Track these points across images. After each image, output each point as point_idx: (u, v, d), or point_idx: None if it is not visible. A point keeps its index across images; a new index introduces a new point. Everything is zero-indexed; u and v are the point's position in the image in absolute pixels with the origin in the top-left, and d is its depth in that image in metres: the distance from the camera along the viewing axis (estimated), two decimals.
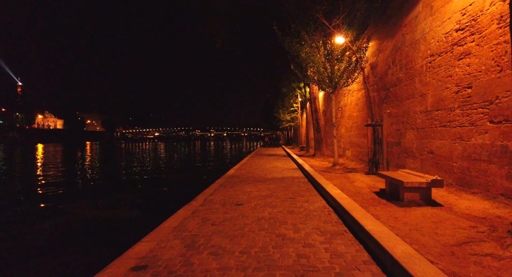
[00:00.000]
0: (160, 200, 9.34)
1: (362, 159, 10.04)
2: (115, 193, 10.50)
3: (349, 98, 12.36)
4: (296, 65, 10.04)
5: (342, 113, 13.29)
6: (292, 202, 4.93)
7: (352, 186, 5.60)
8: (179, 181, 13.87)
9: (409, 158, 6.52)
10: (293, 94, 19.03)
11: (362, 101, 10.42)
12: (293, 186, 6.62)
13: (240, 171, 9.96)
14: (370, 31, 9.04)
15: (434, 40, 5.72)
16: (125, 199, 9.50)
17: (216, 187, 6.65)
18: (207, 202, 5.09)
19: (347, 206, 3.89)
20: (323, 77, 9.27)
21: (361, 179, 6.05)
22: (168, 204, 8.17)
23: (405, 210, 3.78)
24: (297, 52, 9.18)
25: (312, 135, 20.05)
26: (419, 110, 6.21)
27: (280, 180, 7.52)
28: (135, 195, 10.29)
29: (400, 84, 7.28)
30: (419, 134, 6.16)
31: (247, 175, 8.83)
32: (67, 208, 8.31)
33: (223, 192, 6.03)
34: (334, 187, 5.32)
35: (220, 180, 7.73)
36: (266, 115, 39.62)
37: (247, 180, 7.76)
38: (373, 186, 5.53)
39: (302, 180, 7.57)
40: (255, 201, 5.09)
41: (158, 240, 3.18)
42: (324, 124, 16.87)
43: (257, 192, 5.94)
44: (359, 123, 10.70)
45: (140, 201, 9.17)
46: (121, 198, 9.62)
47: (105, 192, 10.95)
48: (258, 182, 7.27)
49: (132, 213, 7.51)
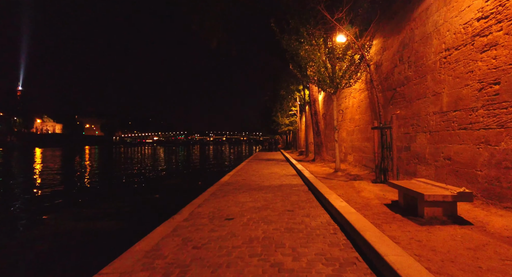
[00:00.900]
0: (147, 209, 8.64)
1: (366, 164, 9.39)
2: (102, 201, 9.82)
3: (351, 100, 11.75)
4: (295, 64, 9.43)
5: (343, 116, 12.67)
6: (291, 216, 4.26)
7: (359, 196, 4.94)
8: (172, 187, 13.17)
9: (420, 165, 5.86)
10: (292, 97, 18.43)
11: (365, 103, 9.80)
12: (292, 195, 5.96)
13: (236, 177, 9.29)
14: (374, 28, 8.46)
15: (450, 33, 5.10)
16: (111, 208, 8.81)
17: (207, 197, 5.98)
18: (193, 216, 4.41)
19: (357, 224, 3.23)
20: (323, 77, 8.65)
21: (368, 189, 5.38)
22: (154, 214, 7.50)
23: (428, 229, 3.12)
24: (296, 51, 8.57)
25: (312, 139, 19.40)
26: (432, 111, 5.58)
27: (278, 188, 6.86)
28: (123, 203, 9.60)
29: (409, 83, 6.66)
30: (433, 138, 5.51)
31: (242, 182, 8.16)
32: (46, 219, 7.63)
33: (213, 203, 5.36)
34: (339, 198, 4.66)
35: (212, 188, 7.06)
36: (264, 119, 39.02)
37: (241, 188, 7.09)
38: (383, 197, 4.87)
39: (302, 188, 6.90)
40: (248, 215, 4.42)
41: (120, 272, 2.51)
42: (324, 128, 16.25)
43: (252, 203, 5.27)
44: (362, 126, 10.07)
45: (126, 210, 8.48)
46: (106, 207, 8.92)
47: (93, 199, 10.27)
48: (253, 191, 6.60)
49: (113, 225, 6.81)
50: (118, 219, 7.34)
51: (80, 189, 12.75)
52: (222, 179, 8.82)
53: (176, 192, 11.60)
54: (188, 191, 10.43)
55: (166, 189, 12.62)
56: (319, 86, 9.07)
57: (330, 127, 15.86)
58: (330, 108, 15.83)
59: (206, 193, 6.42)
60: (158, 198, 10.67)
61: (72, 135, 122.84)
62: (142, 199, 10.38)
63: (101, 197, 10.86)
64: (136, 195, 11.18)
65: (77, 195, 11.39)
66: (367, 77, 9.66)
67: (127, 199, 10.38)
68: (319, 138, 13.56)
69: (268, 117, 31.99)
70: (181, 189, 12.19)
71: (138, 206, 9.09)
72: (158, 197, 10.76)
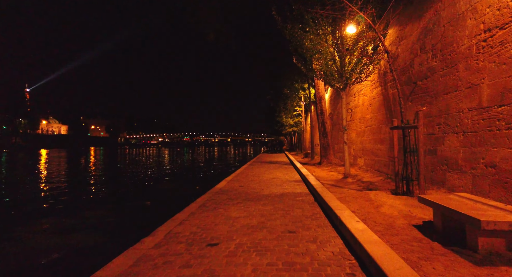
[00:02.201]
0: (133, 219, 7.74)
1: (379, 169, 8.36)
2: (88, 208, 8.95)
3: (361, 98, 10.73)
4: (299, 57, 8.46)
5: (352, 115, 11.65)
6: (292, 241, 3.30)
7: (379, 213, 3.94)
8: (168, 192, 12.28)
9: (451, 172, 4.84)
10: (297, 95, 17.41)
11: (378, 100, 8.79)
12: (295, 208, 4.98)
13: (233, 183, 8.34)
14: (388, 16, 7.45)
15: (492, 9, 4.09)
16: (95, 217, 7.92)
17: (194, 209, 5.03)
18: (168, 240, 3.47)
19: (385, 263, 2.26)
20: (331, 70, 7.67)
21: (389, 203, 4.38)
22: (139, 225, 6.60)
23: (491, 275, 2.13)
24: (300, 41, 7.60)
25: (317, 140, 18.36)
26: (467, 107, 4.56)
27: (279, 199, 5.89)
28: (109, 211, 8.71)
29: (434, 76, 5.65)
30: (468, 140, 4.49)
31: (239, 189, 7.20)
32: (21, 231, 6.77)
33: (199, 219, 4.41)
34: (354, 217, 3.67)
35: (202, 198, 6.11)
36: (268, 119, 38.02)
37: (237, 197, 6.14)
38: (410, 214, 3.86)
39: (306, 198, 5.92)
40: (238, 238, 3.46)
41: None
42: (331, 128, 15.22)
43: (245, 219, 4.31)
44: (374, 127, 9.05)
45: (109, 221, 7.58)
46: (90, 216, 8.04)
47: (79, 206, 9.43)
48: (250, 202, 5.64)
49: (89, 240, 5.89)
50: (97, 232, 6.43)
51: (69, 193, 11.94)
52: (217, 186, 7.88)
53: (170, 198, 10.70)
54: (183, 197, 9.49)
55: (161, 194, 11.74)
56: (326, 81, 8.09)
57: (337, 127, 14.82)
58: (338, 107, 14.80)
59: (194, 205, 5.47)
60: (149, 205, 9.78)
61: (77, 136, 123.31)
62: (131, 206, 9.50)
63: (89, 203, 10.04)
64: (127, 202, 10.31)
65: (63, 200, 10.57)
66: (380, 71, 8.65)
67: (115, 206, 9.51)
68: (325, 139, 12.54)
69: (272, 118, 30.98)
70: (177, 194, 11.28)
71: (125, 215, 8.20)
72: (149, 204, 9.86)
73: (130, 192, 12.54)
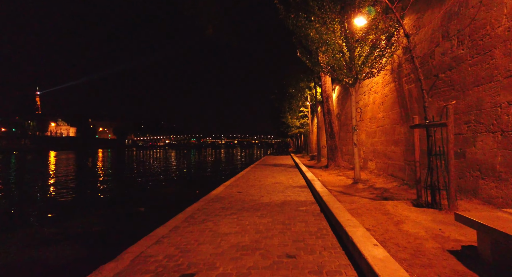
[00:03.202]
0: (121, 227, 7.06)
1: (393, 174, 7.52)
2: (77, 215, 8.34)
3: (371, 96, 9.91)
4: (304, 50, 7.70)
5: (361, 115, 10.82)
6: (291, 272, 2.54)
7: (401, 233, 3.14)
8: (165, 196, 11.62)
9: (486, 180, 4.02)
10: (302, 95, 16.61)
11: (391, 98, 7.97)
12: (297, 222, 4.22)
13: (231, 189, 7.60)
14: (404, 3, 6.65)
15: None
16: (81, 226, 7.29)
17: (179, 222, 4.31)
18: (132, 268, 2.74)
19: None
20: (339, 64, 6.89)
21: (412, 217, 3.57)
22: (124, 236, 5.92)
23: None
24: (305, 32, 6.85)
25: (324, 142, 17.51)
26: (507, 101, 3.74)
27: (279, 208, 5.12)
28: (99, 218, 8.07)
29: (460, 66, 4.83)
30: (509, 141, 3.67)
31: (236, 196, 6.46)
32: None
33: (181, 235, 3.69)
34: (370, 238, 2.89)
35: (192, 207, 5.39)
36: (274, 121, 37.22)
37: (232, 206, 5.40)
38: (441, 234, 3.06)
39: (311, 208, 5.15)
40: (222, 266, 2.72)
41: None
42: (339, 129, 14.38)
43: (236, 237, 3.57)
44: (387, 127, 8.22)
45: (95, 230, 6.93)
46: (74, 225, 7.40)
47: (67, 212, 8.83)
48: (245, 212, 4.89)
49: (67, 255, 5.21)
50: (75, 244, 5.76)
51: (65, 197, 11.38)
52: (212, 192, 7.15)
53: (167, 203, 10.02)
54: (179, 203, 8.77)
55: (158, 199, 11.08)
56: (334, 76, 7.32)
57: (345, 128, 13.99)
58: (346, 107, 13.97)
59: (181, 215, 4.75)
60: (143, 211, 9.11)
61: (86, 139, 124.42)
62: (123, 213, 8.84)
63: (81, 208, 9.43)
64: (120, 207, 9.66)
65: (56, 205, 10.01)
66: (393, 65, 7.84)
67: (106, 213, 8.87)
68: (333, 141, 11.72)
69: (277, 119, 30.19)
70: (174, 199, 10.59)
71: (113, 224, 7.54)
72: (142, 211, 9.19)
73: (127, 196, 11.94)
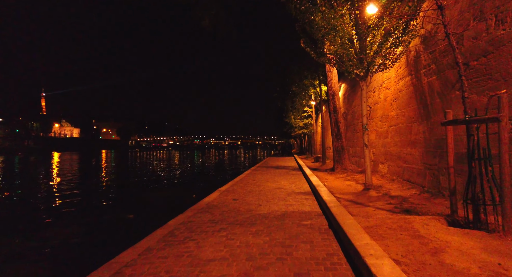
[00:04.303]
0: (101, 240, 6.26)
1: (410, 180, 6.63)
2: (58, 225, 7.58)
3: (382, 93, 9.03)
4: (308, 39, 6.85)
5: (370, 113, 9.94)
6: None
7: (445, 270, 2.26)
8: (160, 201, 10.84)
9: None
10: (306, 93, 15.74)
11: (407, 93, 7.09)
12: (300, 242, 3.37)
13: (226, 195, 6.77)
14: None
15: None
16: (59, 237, 6.53)
17: (153, 243, 3.48)
18: None
19: None
20: (348, 53, 6.03)
21: (454, 244, 2.67)
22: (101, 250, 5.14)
23: None
24: (309, 17, 6.00)
25: (329, 143, 16.60)
26: None
27: (279, 222, 4.28)
28: (80, 228, 7.30)
29: (499, 50, 3.96)
30: None
31: (230, 205, 5.63)
32: None
33: (150, 263, 2.86)
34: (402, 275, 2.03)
35: (176, 220, 4.55)
36: (277, 121, 36.34)
37: (223, 219, 4.56)
38: (503, 272, 2.19)
39: (317, 222, 4.29)
40: None
41: None
42: (345, 129, 13.48)
43: (221, 267, 2.73)
44: (402, 126, 7.34)
45: (72, 242, 6.14)
46: (54, 235, 6.66)
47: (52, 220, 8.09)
48: (238, 227, 4.05)
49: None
50: (40, 264, 4.95)
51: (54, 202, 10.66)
52: (205, 199, 6.31)
53: (159, 209, 9.23)
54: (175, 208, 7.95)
55: (151, 204, 10.30)
56: (342, 68, 6.45)
57: (352, 128, 13.10)
58: (353, 105, 13.08)
59: (160, 232, 3.92)
60: (132, 219, 8.32)
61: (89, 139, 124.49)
62: (110, 220, 8.07)
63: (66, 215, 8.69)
64: (109, 213, 8.89)
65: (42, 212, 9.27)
66: (409, 57, 6.97)
67: (92, 220, 8.11)
68: (339, 141, 10.84)
69: (280, 120, 29.31)
70: (167, 205, 9.79)
71: (94, 234, 6.75)
72: (131, 218, 8.40)
73: (119, 200, 11.18)
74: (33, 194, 12.24)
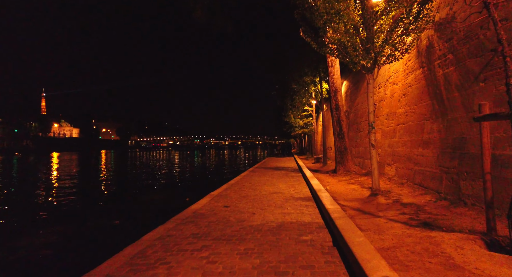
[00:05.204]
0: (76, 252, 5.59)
1: (423, 184, 5.94)
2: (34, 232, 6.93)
3: (388, 89, 8.35)
4: (308, 28, 6.17)
5: (376, 111, 9.25)
6: None
7: None
8: (150, 205, 10.17)
9: None
10: (306, 91, 15.04)
11: (417, 88, 6.41)
12: (298, 267, 2.68)
13: (217, 201, 6.09)
14: None
15: None
16: (30, 247, 5.88)
17: (113, 269, 2.79)
18: None
19: None
20: (353, 43, 5.34)
21: (494, 274, 2.03)
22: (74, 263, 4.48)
23: None
24: (309, 2, 5.31)
25: (330, 143, 15.91)
26: None
27: (274, 237, 3.60)
28: (57, 236, 6.63)
29: None
30: None
31: (220, 214, 4.94)
32: None
33: None
34: None
35: (152, 234, 3.86)
36: (277, 121, 35.65)
37: (209, 232, 3.88)
38: None
39: (319, 237, 3.61)
40: None
41: None
42: (348, 129, 12.79)
43: None
44: (412, 124, 6.66)
45: (43, 254, 5.47)
46: (26, 245, 6.01)
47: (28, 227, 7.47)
48: (224, 244, 3.37)
49: None
50: None
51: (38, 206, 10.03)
52: (192, 207, 5.62)
53: (148, 214, 8.57)
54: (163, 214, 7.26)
55: (141, 208, 9.63)
56: (345, 59, 5.76)
57: (354, 128, 12.41)
58: (355, 103, 12.40)
59: (128, 251, 3.24)
60: (117, 225, 7.65)
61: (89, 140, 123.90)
62: (94, 226, 7.42)
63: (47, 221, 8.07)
64: (93, 219, 8.23)
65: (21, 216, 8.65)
66: (420, 47, 6.29)
67: (73, 227, 7.47)
68: (342, 141, 10.16)
69: (280, 119, 28.61)
70: (158, 210, 9.11)
71: (68, 246, 6.06)
72: (117, 224, 7.73)
73: (107, 205, 10.52)
74: (18, 198, 11.59)
